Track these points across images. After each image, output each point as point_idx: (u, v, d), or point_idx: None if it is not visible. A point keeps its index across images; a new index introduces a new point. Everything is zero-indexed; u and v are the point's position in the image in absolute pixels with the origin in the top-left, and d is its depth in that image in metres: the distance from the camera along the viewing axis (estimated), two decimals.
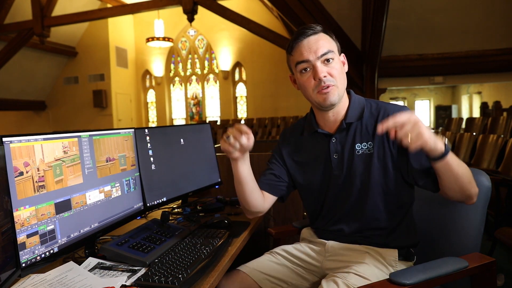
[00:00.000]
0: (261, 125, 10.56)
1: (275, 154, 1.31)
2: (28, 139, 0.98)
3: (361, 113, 1.15)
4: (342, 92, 1.14)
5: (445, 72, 7.45)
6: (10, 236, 0.89)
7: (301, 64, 1.13)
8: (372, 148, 1.12)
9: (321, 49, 1.11)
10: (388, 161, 1.10)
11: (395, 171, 1.11)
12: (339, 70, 1.13)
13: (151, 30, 11.31)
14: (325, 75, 1.10)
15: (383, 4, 4.89)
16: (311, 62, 1.11)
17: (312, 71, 1.12)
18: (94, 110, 12.39)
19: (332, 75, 1.11)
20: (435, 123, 13.16)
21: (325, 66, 1.11)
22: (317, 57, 1.11)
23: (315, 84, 1.12)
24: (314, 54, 1.11)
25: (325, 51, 1.11)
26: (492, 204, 2.67)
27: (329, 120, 1.18)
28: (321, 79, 1.09)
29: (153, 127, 1.62)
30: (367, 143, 1.13)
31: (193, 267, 1.03)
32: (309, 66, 1.12)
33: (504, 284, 2.28)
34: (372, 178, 1.11)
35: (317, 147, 1.21)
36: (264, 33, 7.61)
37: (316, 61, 1.11)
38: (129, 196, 1.39)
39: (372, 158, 1.11)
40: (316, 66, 1.10)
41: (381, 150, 1.11)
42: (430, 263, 1.02)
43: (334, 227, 1.20)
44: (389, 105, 1.16)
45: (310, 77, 1.12)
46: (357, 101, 1.19)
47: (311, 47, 1.11)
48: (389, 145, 1.10)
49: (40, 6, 8.96)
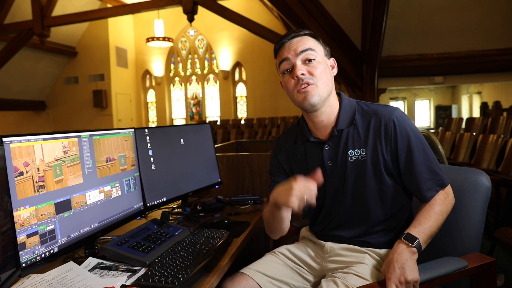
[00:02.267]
0: (261, 125, 10.56)
1: (275, 164, 1.30)
2: (28, 139, 0.98)
3: (352, 118, 1.14)
4: (324, 93, 1.11)
5: (445, 72, 7.44)
6: (10, 236, 0.89)
7: (282, 63, 1.13)
8: (365, 154, 1.11)
9: (300, 47, 1.11)
10: (381, 167, 1.10)
11: (389, 176, 1.11)
12: (322, 70, 1.11)
13: (151, 30, 11.32)
14: (303, 72, 1.09)
15: (383, 4, 4.89)
16: (291, 60, 1.11)
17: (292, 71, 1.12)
18: (94, 110, 12.40)
19: (312, 74, 1.10)
20: (435, 123, 13.16)
21: (305, 66, 1.11)
22: (295, 54, 1.11)
23: (294, 83, 1.11)
24: (294, 52, 1.11)
25: (304, 48, 1.11)
26: (492, 204, 2.67)
27: (320, 125, 1.17)
28: (298, 77, 1.09)
29: (153, 127, 1.62)
30: (359, 150, 1.12)
31: (193, 267, 1.03)
32: (290, 65, 1.12)
33: (504, 284, 2.28)
34: (367, 184, 1.11)
35: (311, 155, 1.20)
36: (264, 33, 7.61)
37: (295, 59, 1.11)
38: (129, 196, 1.39)
39: (365, 164, 1.11)
40: (295, 64, 1.11)
41: (374, 156, 1.10)
42: (430, 263, 1.02)
43: (332, 232, 1.20)
44: (380, 108, 1.14)
45: (290, 77, 1.12)
46: (348, 105, 1.17)
47: (291, 47, 1.12)
48: (382, 151, 1.09)
49: (40, 6, 8.96)
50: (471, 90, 11.84)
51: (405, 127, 1.09)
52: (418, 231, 1.01)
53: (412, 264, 0.95)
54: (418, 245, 0.98)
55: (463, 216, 1.15)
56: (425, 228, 1.01)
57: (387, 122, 1.09)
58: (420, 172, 1.07)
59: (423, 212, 1.05)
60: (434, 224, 1.03)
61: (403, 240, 1.00)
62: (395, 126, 1.09)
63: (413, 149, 1.07)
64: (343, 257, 1.16)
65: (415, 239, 0.98)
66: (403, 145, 1.08)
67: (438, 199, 1.06)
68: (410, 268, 0.94)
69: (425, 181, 1.06)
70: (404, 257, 0.95)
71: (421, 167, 1.07)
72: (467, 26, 6.43)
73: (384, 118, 1.10)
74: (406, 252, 0.97)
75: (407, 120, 1.11)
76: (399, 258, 0.95)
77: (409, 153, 1.08)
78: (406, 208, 1.16)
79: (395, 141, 1.08)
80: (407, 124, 1.10)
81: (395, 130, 1.08)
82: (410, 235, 1.00)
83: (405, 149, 1.08)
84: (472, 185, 1.14)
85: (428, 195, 1.07)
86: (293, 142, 1.26)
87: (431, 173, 1.07)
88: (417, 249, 0.98)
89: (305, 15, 5.89)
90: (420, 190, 1.07)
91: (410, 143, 1.08)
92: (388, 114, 1.11)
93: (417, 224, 1.02)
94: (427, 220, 1.03)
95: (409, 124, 1.10)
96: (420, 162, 1.07)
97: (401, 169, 1.09)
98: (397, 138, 1.08)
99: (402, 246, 0.99)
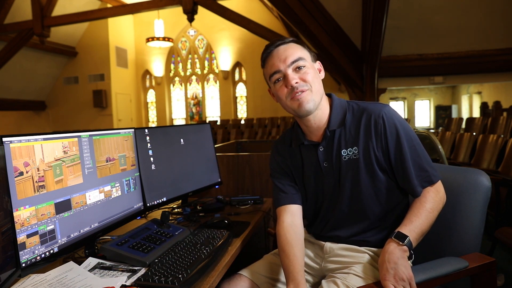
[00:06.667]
0: (261, 125, 10.56)
1: (274, 166, 1.30)
2: (28, 139, 0.98)
3: (343, 118, 1.15)
4: (317, 97, 1.12)
5: (445, 72, 7.44)
6: (10, 236, 0.89)
7: (273, 75, 1.13)
8: (357, 152, 1.12)
9: (290, 57, 1.11)
10: (374, 163, 1.10)
11: (383, 173, 1.12)
12: (313, 75, 1.12)
13: (151, 30, 11.32)
14: (296, 81, 1.10)
15: (383, 4, 4.89)
16: (282, 71, 1.11)
17: (284, 80, 1.12)
18: (94, 110, 12.39)
19: (305, 80, 1.10)
20: (435, 123, 13.16)
21: (297, 73, 1.11)
22: (287, 65, 1.11)
23: (288, 92, 1.11)
24: (284, 63, 1.11)
25: (295, 58, 1.11)
26: (492, 204, 2.67)
27: (313, 128, 1.18)
28: (293, 86, 1.09)
29: (153, 127, 1.62)
30: (352, 148, 1.13)
31: (193, 267, 1.03)
32: (281, 75, 1.12)
33: (504, 284, 2.28)
34: (361, 183, 1.12)
35: (307, 157, 1.21)
36: (264, 33, 7.61)
37: (287, 69, 1.11)
38: (129, 196, 1.39)
39: (358, 163, 1.12)
40: (287, 74, 1.11)
41: (366, 154, 1.11)
42: (430, 263, 1.02)
43: (330, 233, 1.21)
44: (369, 105, 1.15)
45: (282, 85, 1.12)
46: (339, 106, 1.18)
47: (280, 56, 1.12)
48: (374, 148, 1.10)
49: (40, 6, 8.96)
50: (471, 90, 11.84)
51: (394, 123, 1.10)
52: (409, 229, 1.01)
53: (404, 262, 0.95)
54: (409, 243, 0.99)
55: (463, 216, 1.14)
56: (416, 226, 1.02)
57: (376, 119, 1.11)
58: (409, 168, 1.08)
59: (413, 210, 1.06)
60: (425, 222, 1.03)
61: (394, 239, 1.00)
62: (384, 122, 1.10)
63: (403, 144, 1.08)
64: (342, 257, 1.16)
65: (406, 237, 0.99)
66: (393, 140, 1.09)
67: (429, 196, 1.07)
68: (403, 266, 0.94)
69: (414, 177, 1.08)
70: (395, 256, 0.96)
71: (410, 162, 1.08)
72: (467, 26, 6.43)
73: (374, 115, 1.11)
74: (397, 251, 0.97)
75: (397, 116, 1.12)
76: (391, 258, 0.96)
77: (399, 149, 1.09)
78: (402, 204, 1.17)
79: (385, 137, 1.10)
80: (397, 120, 1.11)
81: (384, 126, 1.10)
82: (400, 233, 1.00)
83: (395, 145, 1.09)
84: (472, 185, 1.14)
85: (418, 190, 1.08)
86: (288, 146, 1.27)
87: (419, 169, 1.08)
88: (408, 247, 0.98)
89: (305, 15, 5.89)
90: (410, 185, 1.09)
91: (400, 139, 1.09)
92: (377, 110, 1.12)
93: (407, 222, 1.03)
94: (417, 218, 1.03)
95: (399, 120, 1.11)
96: (409, 158, 1.08)
97: (392, 165, 1.11)
98: (387, 134, 1.09)
99: (392, 245, 0.99)
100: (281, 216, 1.20)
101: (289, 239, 1.14)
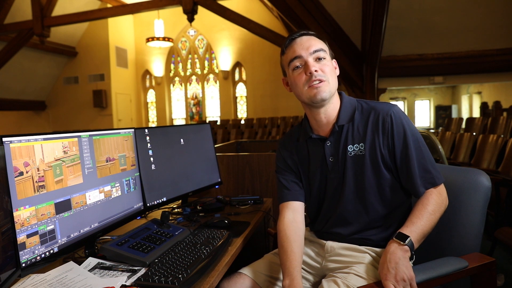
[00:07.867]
0: (261, 125, 10.56)
1: (280, 161, 1.31)
2: (28, 139, 0.98)
3: (352, 115, 1.17)
4: (333, 89, 1.15)
5: (445, 72, 7.44)
6: (10, 236, 0.89)
7: (293, 61, 1.15)
8: (363, 149, 1.13)
9: (313, 46, 1.14)
10: (379, 161, 1.12)
11: (388, 171, 1.12)
12: (331, 68, 1.15)
13: (151, 30, 11.32)
14: (316, 69, 1.12)
15: (383, 4, 4.89)
16: (303, 58, 1.14)
17: (304, 67, 1.14)
18: (94, 110, 12.39)
19: (323, 71, 1.13)
20: (435, 123, 13.16)
21: (317, 63, 1.13)
22: (309, 53, 1.13)
23: (306, 79, 1.13)
24: (306, 50, 1.14)
25: (317, 48, 1.14)
26: (492, 204, 2.67)
27: (322, 123, 1.19)
28: (312, 73, 1.11)
29: (153, 127, 1.62)
30: (358, 145, 1.14)
31: (193, 267, 1.03)
32: (301, 62, 1.14)
33: (504, 284, 2.28)
34: (366, 179, 1.13)
35: (313, 151, 1.22)
36: (264, 33, 7.61)
37: (308, 56, 1.13)
38: (129, 196, 1.39)
39: (364, 159, 1.13)
40: (308, 61, 1.13)
41: (372, 150, 1.12)
42: (430, 263, 1.02)
43: (332, 229, 1.21)
44: (378, 104, 1.17)
45: (301, 73, 1.14)
46: (349, 103, 1.20)
47: (304, 44, 1.15)
48: (380, 145, 1.11)
49: (40, 6, 8.96)
50: (471, 90, 11.84)
51: (402, 123, 1.11)
52: (410, 230, 1.02)
53: (406, 263, 0.95)
54: (410, 244, 0.99)
55: (463, 216, 1.14)
56: (417, 227, 1.02)
57: (384, 117, 1.12)
58: (413, 167, 1.09)
59: (415, 212, 1.06)
60: (427, 224, 1.03)
61: (395, 239, 1.01)
62: (392, 121, 1.11)
63: (409, 144, 1.09)
64: (343, 257, 1.17)
65: (407, 238, 0.99)
66: (399, 139, 1.11)
67: (431, 198, 1.07)
68: (404, 266, 0.94)
69: (418, 177, 1.08)
70: (397, 256, 0.96)
71: (415, 163, 1.09)
72: (467, 26, 6.43)
73: (382, 113, 1.13)
74: (398, 251, 0.97)
75: (404, 117, 1.13)
76: (392, 258, 0.96)
77: (405, 148, 1.10)
78: (404, 205, 1.17)
79: (392, 135, 1.11)
80: (404, 120, 1.12)
81: (391, 125, 1.11)
82: (402, 234, 1.01)
83: (401, 144, 1.10)
84: (472, 185, 1.14)
85: (420, 191, 1.09)
86: (296, 141, 1.28)
87: (423, 170, 1.09)
88: (409, 247, 0.98)
89: (305, 15, 5.89)
90: (413, 185, 1.09)
91: (406, 138, 1.10)
92: (386, 109, 1.13)
93: (409, 223, 1.04)
94: (419, 220, 1.03)
95: (407, 120, 1.13)
96: (414, 158, 1.09)
97: (397, 164, 1.11)
98: (394, 132, 1.11)
99: (394, 245, 0.99)
100: (283, 212, 1.21)
101: (289, 235, 1.14)
